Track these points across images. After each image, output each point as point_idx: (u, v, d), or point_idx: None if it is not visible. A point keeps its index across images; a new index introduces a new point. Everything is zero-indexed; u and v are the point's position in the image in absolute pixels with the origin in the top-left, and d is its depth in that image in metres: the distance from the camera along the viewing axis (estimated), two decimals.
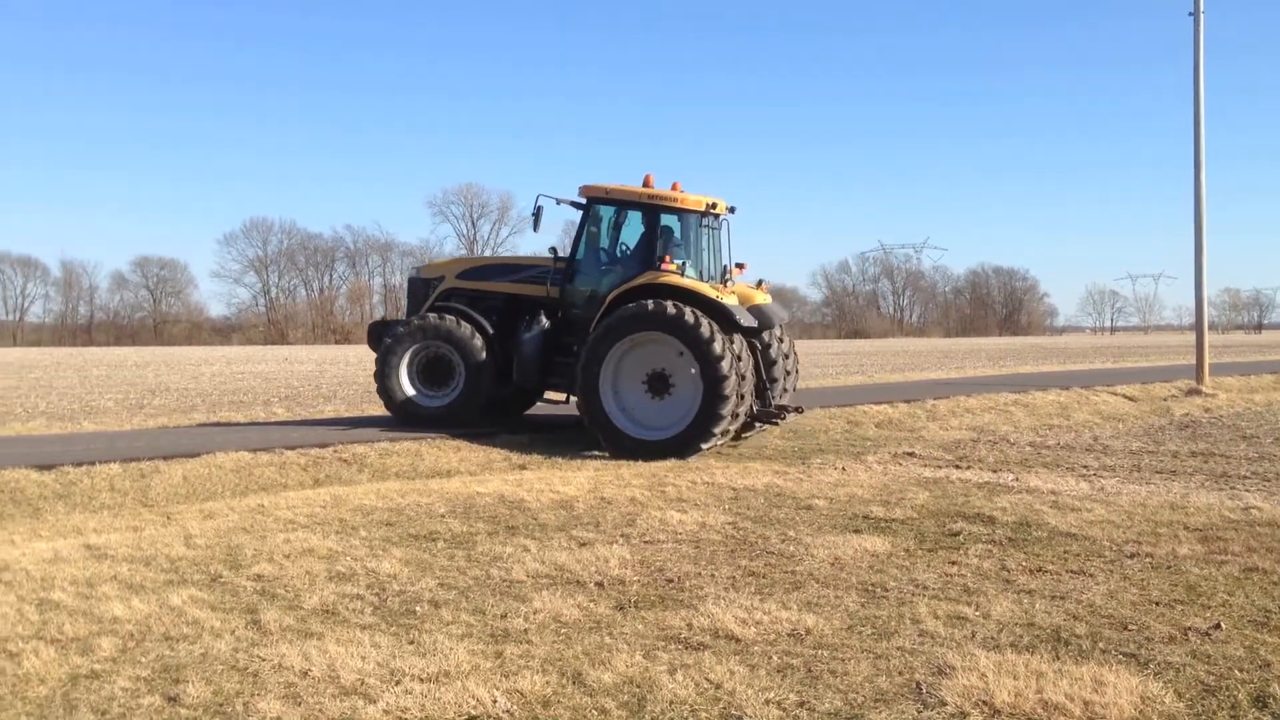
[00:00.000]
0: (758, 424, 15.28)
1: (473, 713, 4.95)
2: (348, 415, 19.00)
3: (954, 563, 7.91)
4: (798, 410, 15.97)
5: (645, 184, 15.11)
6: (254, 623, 6.36)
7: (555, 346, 15.11)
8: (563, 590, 7.11)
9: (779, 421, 15.45)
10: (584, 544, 8.49)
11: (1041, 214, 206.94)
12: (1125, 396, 23.36)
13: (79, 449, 12.95)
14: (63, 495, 10.79)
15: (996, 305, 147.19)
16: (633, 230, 15.35)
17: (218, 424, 16.97)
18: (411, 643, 5.97)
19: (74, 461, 11.66)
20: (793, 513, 9.91)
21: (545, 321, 15.09)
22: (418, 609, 6.70)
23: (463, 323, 15.25)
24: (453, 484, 11.41)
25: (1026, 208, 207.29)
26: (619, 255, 15.48)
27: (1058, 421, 19.57)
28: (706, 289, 14.34)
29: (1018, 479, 11.94)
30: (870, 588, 7.19)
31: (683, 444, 13.94)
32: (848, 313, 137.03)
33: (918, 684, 5.30)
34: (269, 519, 9.36)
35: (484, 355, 15.17)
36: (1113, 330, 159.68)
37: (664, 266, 14.30)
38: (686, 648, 5.89)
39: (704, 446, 14.06)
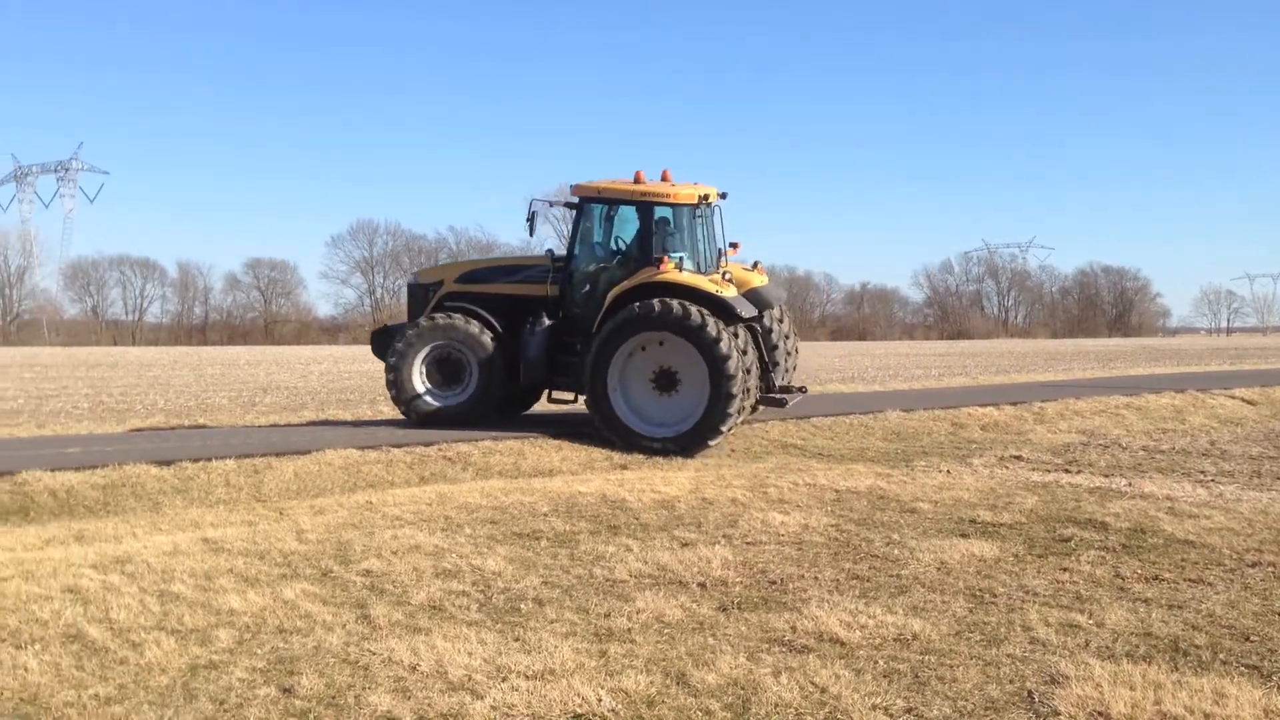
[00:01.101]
0: (761, 407, 15.55)
1: (578, 711, 4.98)
2: None
3: (1065, 569, 7.72)
4: (801, 390, 16.22)
5: (636, 179, 15.21)
6: (364, 617, 6.49)
7: (559, 345, 15.34)
8: (665, 590, 7.13)
9: (783, 404, 15.60)
10: (686, 544, 8.49)
11: (1154, 213, 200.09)
12: (1244, 400, 22.53)
13: (195, 445, 13.36)
14: (181, 490, 11.14)
15: (1106, 306, 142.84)
16: (627, 226, 15.46)
17: (326, 422, 17.38)
18: (517, 640, 6.04)
19: (191, 457, 12.03)
20: (896, 516, 9.78)
21: (547, 321, 15.29)
22: (522, 606, 6.77)
23: (473, 322, 15.48)
24: (555, 483, 11.51)
25: (1138, 206, 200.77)
26: (615, 252, 15.57)
27: (1172, 425, 18.97)
28: (706, 284, 14.44)
29: (1131, 484, 11.62)
30: (978, 593, 7.06)
31: (692, 440, 14.23)
32: (950, 313, 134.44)
33: (1029, 692, 5.19)
34: (377, 515, 9.55)
35: (495, 354, 15.40)
36: (1229, 331, 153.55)
37: (663, 265, 14.40)
38: (791, 650, 5.86)
39: (712, 443, 14.30)
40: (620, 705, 5.04)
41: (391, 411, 17.00)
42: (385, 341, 16.11)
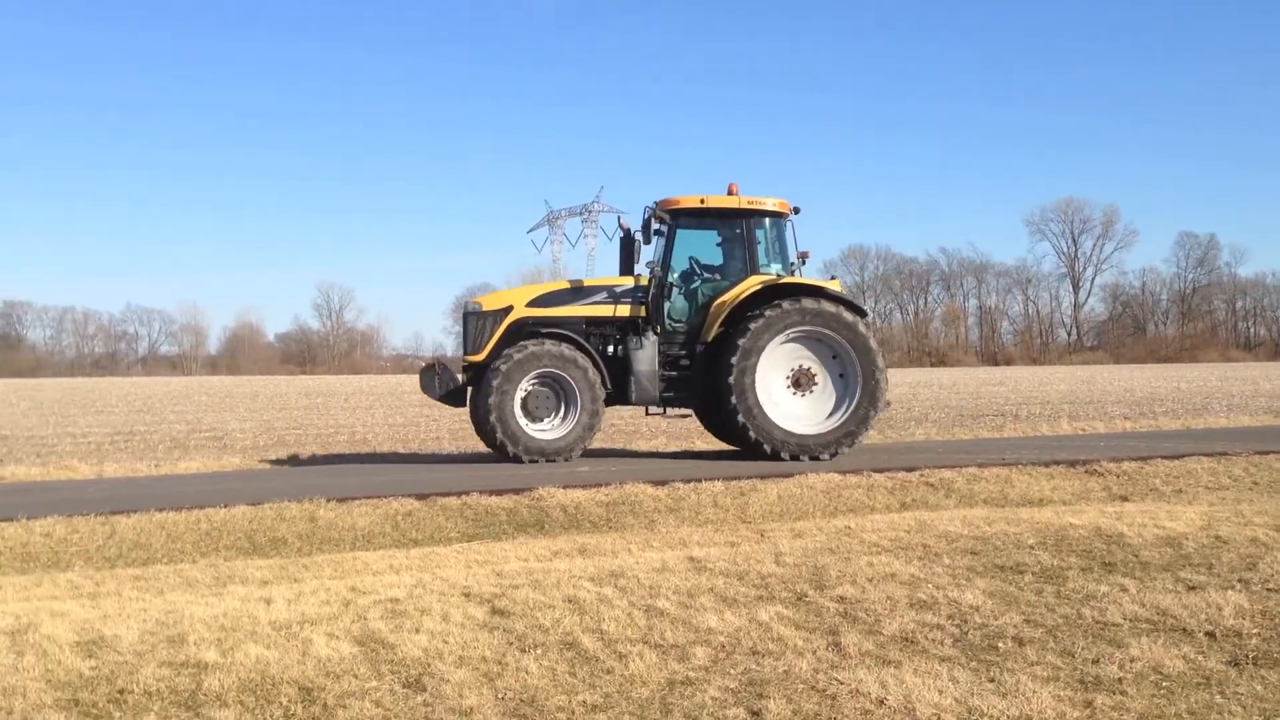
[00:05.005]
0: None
1: None
2: (938, 438, 18.93)
3: None
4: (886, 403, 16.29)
5: (730, 192, 15.50)
6: (834, 644, 6.45)
7: (663, 361, 15.40)
8: (1165, 638, 6.44)
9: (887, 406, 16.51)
10: (1193, 587, 7.63)
11: None
12: None
13: (689, 467, 14.15)
14: (673, 509, 11.81)
15: None
16: (725, 238, 15.85)
17: None
18: (991, 680, 5.72)
19: (684, 478, 12.76)
20: None
21: (652, 338, 15.32)
22: (1000, 645, 6.41)
23: (567, 346, 14.98)
24: (1044, 513, 10.84)
25: None
26: (713, 265, 15.85)
27: None
28: (832, 285, 15.41)
29: None
30: None
31: (842, 437, 14.85)
32: None
33: None
34: (854, 541, 9.51)
35: (599, 380, 15.02)
36: None
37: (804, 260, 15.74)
38: None
39: (860, 439, 14.98)
40: None
41: (877, 436, 16.97)
42: (435, 380, 15.59)
